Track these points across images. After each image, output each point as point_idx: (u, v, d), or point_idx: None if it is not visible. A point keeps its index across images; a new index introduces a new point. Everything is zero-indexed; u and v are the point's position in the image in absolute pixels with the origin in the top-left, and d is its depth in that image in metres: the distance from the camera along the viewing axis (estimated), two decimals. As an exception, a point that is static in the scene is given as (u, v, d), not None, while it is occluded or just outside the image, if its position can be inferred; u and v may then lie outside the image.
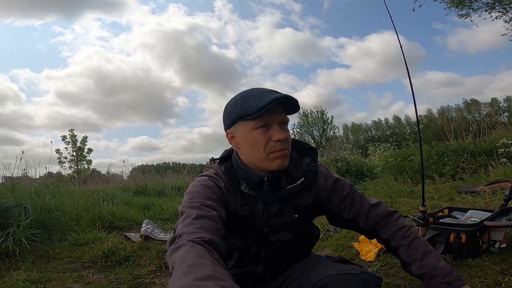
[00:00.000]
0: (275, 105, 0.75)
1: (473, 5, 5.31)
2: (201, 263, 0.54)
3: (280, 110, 0.78)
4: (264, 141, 0.77)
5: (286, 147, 0.79)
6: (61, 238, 2.48)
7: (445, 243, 1.40)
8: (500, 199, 2.51)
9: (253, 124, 0.77)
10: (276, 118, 0.77)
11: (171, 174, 7.30)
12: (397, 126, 44.43)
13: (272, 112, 0.76)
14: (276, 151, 0.77)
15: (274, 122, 0.77)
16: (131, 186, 5.30)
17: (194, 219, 0.67)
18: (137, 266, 1.94)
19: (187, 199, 0.76)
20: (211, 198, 0.75)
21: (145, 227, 2.50)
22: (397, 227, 0.87)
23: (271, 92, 0.78)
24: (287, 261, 0.87)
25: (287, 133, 0.79)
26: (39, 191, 3.06)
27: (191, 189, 0.80)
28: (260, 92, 0.79)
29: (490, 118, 6.18)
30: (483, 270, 1.24)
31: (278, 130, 0.77)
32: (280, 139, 0.76)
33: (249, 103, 0.77)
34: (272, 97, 0.75)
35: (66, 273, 1.86)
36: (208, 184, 0.79)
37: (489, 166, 3.69)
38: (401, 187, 3.90)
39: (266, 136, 0.77)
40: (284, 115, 0.80)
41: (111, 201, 3.45)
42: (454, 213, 1.71)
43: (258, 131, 0.77)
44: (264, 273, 0.85)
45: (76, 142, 12.32)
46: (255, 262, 0.85)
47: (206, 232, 0.64)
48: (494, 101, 32.65)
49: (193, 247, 0.58)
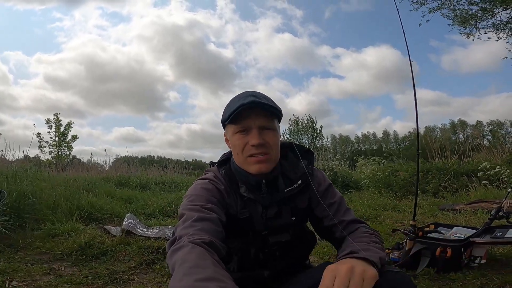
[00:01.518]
0: (253, 109, 0.76)
1: (478, 24, 5.34)
2: (202, 265, 0.54)
3: (260, 114, 0.78)
4: (242, 145, 0.78)
5: (264, 151, 0.78)
6: (34, 227, 2.34)
7: (431, 256, 1.42)
8: (480, 218, 2.61)
9: (233, 128, 0.79)
10: (254, 123, 0.77)
11: (155, 168, 7.12)
12: (384, 141, 45.62)
13: (248, 117, 0.77)
14: (252, 156, 0.78)
15: (253, 127, 0.77)
16: (114, 177, 5.11)
17: (194, 221, 0.67)
18: (116, 262, 1.85)
19: (187, 202, 0.76)
20: (211, 201, 0.76)
21: (127, 221, 2.39)
22: (362, 233, 0.79)
23: (245, 98, 0.78)
24: (289, 265, 0.86)
25: (268, 137, 0.78)
26: (16, 174, 2.88)
27: (191, 192, 0.80)
28: (238, 97, 0.80)
29: (474, 140, 6.44)
30: (464, 284, 1.28)
31: (255, 135, 0.77)
32: (254, 144, 0.76)
33: (227, 108, 0.81)
34: (238, 104, 0.76)
35: (36, 265, 1.74)
36: (208, 187, 0.80)
37: (470, 187, 3.84)
38: (386, 200, 3.98)
39: (244, 140, 0.78)
40: (264, 120, 0.78)
41: (91, 191, 3.30)
42: (439, 228, 1.75)
43: (238, 135, 0.79)
44: (271, 277, 0.85)
45: (60, 127, 11.81)
46: (259, 265, 0.84)
47: (207, 234, 0.64)
48: (478, 123, 34.19)
49: (193, 249, 0.58)
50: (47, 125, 11.73)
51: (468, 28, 5.39)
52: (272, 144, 0.79)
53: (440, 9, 5.33)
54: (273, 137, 0.79)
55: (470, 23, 5.28)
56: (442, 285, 1.29)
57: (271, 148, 0.79)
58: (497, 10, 5.18)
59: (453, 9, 5.32)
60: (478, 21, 5.30)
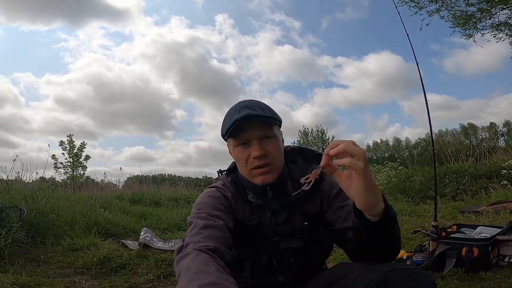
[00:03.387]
0: (249, 122, 0.76)
1: (478, 25, 5.29)
2: (205, 271, 0.55)
3: (257, 125, 0.77)
4: (244, 158, 0.78)
5: (267, 162, 0.78)
6: (54, 242, 2.38)
7: (457, 257, 1.37)
8: (503, 218, 2.51)
9: (233, 142, 0.80)
10: (253, 135, 0.77)
11: (167, 185, 7.17)
12: (396, 148, 44.58)
13: (246, 130, 0.77)
14: (256, 168, 0.78)
15: (252, 139, 0.77)
16: (127, 194, 5.18)
17: (201, 228, 0.69)
18: (134, 275, 1.85)
19: (195, 210, 0.77)
20: (218, 208, 0.76)
21: (144, 235, 2.41)
22: None
23: (240, 111, 0.77)
24: (305, 270, 0.84)
25: (269, 146, 0.78)
26: (34, 194, 2.97)
27: (199, 200, 0.81)
28: (233, 110, 0.80)
29: (489, 142, 6.25)
30: (496, 282, 1.23)
31: (256, 147, 0.77)
32: (256, 156, 0.76)
33: (224, 123, 0.81)
34: (233, 119, 0.76)
35: (57, 278, 1.76)
36: (215, 195, 0.81)
37: (490, 188, 3.70)
38: (402, 206, 3.86)
39: (246, 153, 0.78)
40: (262, 130, 0.78)
41: (107, 208, 3.36)
42: (462, 229, 1.70)
43: (239, 148, 0.79)
44: (286, 283, 0.83)
45: (74, 148, 12.16)
46: (273, 271, 0.83)
47: (212, 240, 0.65)
48: (492, 125, 33.15)
49: (198, 255, 0.60)
50: (61, 147, 12.12)
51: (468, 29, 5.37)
52: (274, 153, 0.79)
53: (438, 12, 5.35)
54: (274, 145, 0.79)
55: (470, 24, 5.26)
56: (472, 285, 1.24)
57: (274, 157, 0.79)
58: (494, 11, 5.16)
59: (451, 11, 5.33)
60: (477, 22, 5.28)
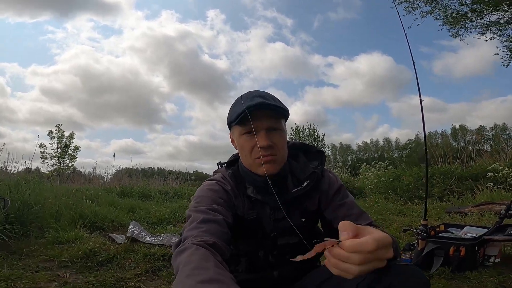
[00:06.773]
0: (261, 111, 0.75)
1: (467, 25, 5.32)
2: (204, 266, 0.54)
3: (267, 115, 0.77)
4: (250, 147, 0.77)
5: (272, 153, 0.78)
6: (38, 235, 2.30)
7: (444, 256, 1.40)
8: (488, 219, 2.58)
9: (240, 129, 0.78)
10: (262, 124, 0.77)
11: (157, 179, 7.08)
12: (385, 149, 45.36)
13: (256, 118, 0.76)
14: (260, 157, 0.77)
15: (260, 129, 0.77)
16: (116, 187, 5.08)
17: (199, 222, 0.67)
18: (121, 269, 1.81)
19: (194, 203, 0.76)
20: (217, 202, 0.75)
21: (132, 229, 2.36)
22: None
23: (253, 99, 0.77)
24: (301, 266, 0.84)
25: (275, 138, 0.78)
26: (19, 184, 2.86)
27: (198, 193, 0.80)
28: (245, 98, 0.80)
29: (476, 145, 6.41)
30: (481, 282, 1.25)
31: (263, 137, 0.76)
32: (263, 146, 0.76)
33: (234, 110, 0.79)
34: (245, 105, 0.75)
35: (40, 272, 1.70)
36: (214, 188, 0.80)
37: (475, 190, 3.81)
38: (391, 205, 3.94)
39: (251, 142, 0.77)
40: (272, 121, 0.78)
41: (94, 201, 3.28)
42: (450, 229, 1.73)
43: (245, 137, 0.78)
44: (280, 278, 0.83)
45: (63, 138, 11.86)
46: (269, 267, 0.82)
47: (211, 235, 0.64)
48: (481, 128, 34.11)
49: (197, 250, 0.59)
50: (49, 136, 11.79)
51: (457, 28, 5.40)
52: (279, 145, 0.78)
53: (432, 13, 5.40)
54: (281, 138, 0.79)
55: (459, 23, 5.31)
56: (458, 284, 1.27)
57: (279, 149, 0.78)
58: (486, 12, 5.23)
59: (443, 11, 5.35)
60: (467, 21, 5.32)
